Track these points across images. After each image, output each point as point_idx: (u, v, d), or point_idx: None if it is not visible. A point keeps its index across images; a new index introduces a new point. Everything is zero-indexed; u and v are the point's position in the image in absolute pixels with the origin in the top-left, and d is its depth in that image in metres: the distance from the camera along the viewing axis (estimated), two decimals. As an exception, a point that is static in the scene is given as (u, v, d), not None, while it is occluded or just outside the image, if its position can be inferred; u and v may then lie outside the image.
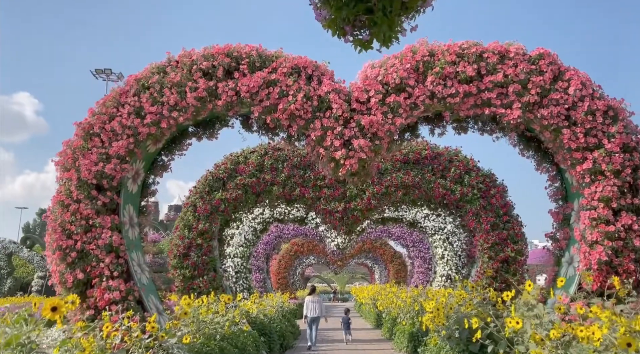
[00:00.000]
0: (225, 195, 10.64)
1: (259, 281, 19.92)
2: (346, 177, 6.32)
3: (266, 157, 10.91)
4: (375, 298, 20.34)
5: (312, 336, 12.60)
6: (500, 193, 10.60)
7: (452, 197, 10.63)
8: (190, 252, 10.39)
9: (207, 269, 10.39)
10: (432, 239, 15.36)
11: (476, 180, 10.64)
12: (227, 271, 15.21)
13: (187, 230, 10.55)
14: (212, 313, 7.89)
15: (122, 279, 5.77)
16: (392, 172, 10.82)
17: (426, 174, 10.75)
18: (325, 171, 6.50)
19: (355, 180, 6.42)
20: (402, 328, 12.81)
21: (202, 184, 10.84)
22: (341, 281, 62.39)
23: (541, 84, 5.99)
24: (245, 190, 10.74)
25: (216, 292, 10.27)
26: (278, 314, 14.21)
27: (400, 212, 15.30)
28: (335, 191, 10.79)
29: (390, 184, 10.72)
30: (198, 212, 10.61)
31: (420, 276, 19.20)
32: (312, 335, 12.60)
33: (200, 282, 10.26)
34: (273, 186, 10.73)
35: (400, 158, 10.88)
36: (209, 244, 10.51)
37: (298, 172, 10.83)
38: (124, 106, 6.10)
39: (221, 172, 10.80)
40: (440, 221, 15.24)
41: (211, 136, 7.08)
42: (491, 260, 10.19)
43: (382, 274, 32.56)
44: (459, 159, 10.89)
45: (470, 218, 10.54)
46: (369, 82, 6.22)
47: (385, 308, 17.00)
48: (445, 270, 14.89)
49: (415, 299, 12.12)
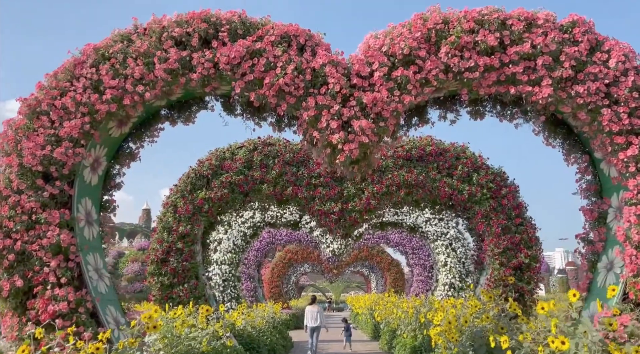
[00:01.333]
0: (209, 194, 9.62)
1: (250, 290, 18.82)
2: (344, 167, 5.33)
3: (255, 152, 9.91)
4: (372, 307, 19.27)
5: (312, 345, 12.60)
6: (512, 193, 9.64)
7: (460, 197, 9.65)
8: (170, 257, 9.34)
9: (188, 277, 9.33)
10: (434, 245, 14.36)
11: (486, 179, 9.67)
12: (211, 279, 14.12)
13: (166, 233, 9.50)
14: (189, 326, 6.84)
15: (71, 287, 4.74)
16: (394, 170, 9.84)
17: (431, 172, 9.77)
18: (320, 159, 5.50)
19: (355, 170, 5.42)
20: (403, 341, 11.77)
21: (183, 182, 9.82)
22: (336, 290, 61.19)
23: (576, 55, 5.05)
24: (231, 189, 9.71)
25: (198, 302, 9.21)
26: (268, 325, 13.14)
27: (400, 216, 14.32)
28: (331, 190, 9.79)
29: (391, 182, 9.74)
30: (179, 213, 9.57)
31: (420, 285, 18.17)
32: (312, 344, 12.60)
33: (180, 290, 9.20)
34: (263, 185, 9.72)
35: (402, 154, 9.90)
36: (191, 248, 9.46)
37: (290, 169, 9.83)
38: (79, 79, 5.10)
39: (205, 169, 9.79)
40: (442, 225, 14.26)
41: (187, 119, 6.08)
42: (503, 267, 9.20)
43: (379, 283, 31.47)
44: (466, 155, 9.93)
45: (479, 220, 9.55)
46: (372, 53, 5.25)
47: (383, 319, 15.96)
48: (449, 278, 13.88)
49: (418, 310, 11.09)
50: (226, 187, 9.66)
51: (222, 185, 9.66)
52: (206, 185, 9.78)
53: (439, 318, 7.35)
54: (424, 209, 10.51)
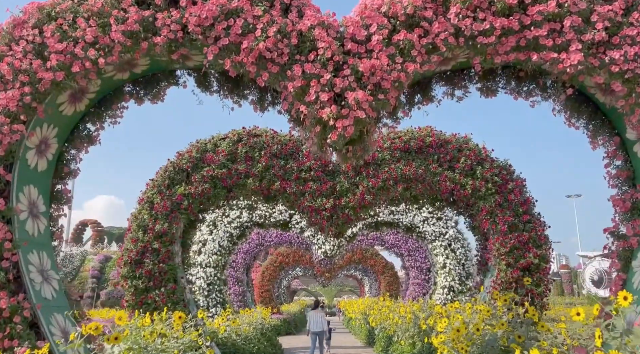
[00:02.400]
0: (189, 189, 8.76)
1: (238, 294, 17.90)
2: (337, 148, 4.52)
3: (240, 144, 9.08)
4: (366, 312, 18.44)
5: (313, 349, 12.50)
6: (519, 188, 8.88)
7: (462, 192, 8.87)
8: (145, 258, 8.46)
9: (165, 280, 8.45)
10: (431, 245, 13.57)
11: (490, 172, 8.90)
12: (192, 282, 13.20)
13: (141, 232, 8.63)
14: (160, 336, 5.97)
15: (4, 292, 3.87)
16: (391, 163, 9.04)
17: (431, 165, 8.99)
18: (309, 141, 4.69)
19: (349, 153, 4.62)
20: (400, 348, 10.95)
21: (161, 176, 8.95)
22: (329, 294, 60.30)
23: (610, 15, 4.28)
24: (213, 183, 8.87)
25: (176, 307, 8.34)
26: (256, 332, 12.26)
27: (396, 216, 13.54)
28: (323, 184, 8.97)
29: (388, 176, 8.94)
30: (155, 210, 8.70)
31: (416, 288, 17.36)
32: (313, 349, 12.50)
33: (156, 295, 8.32)
34: (248, 179, 8.88)
35: (400, 146, 9.11)
36: (168, 249, 8.59)
37: (278, 162, 9.00)
38: (19, 43, 4.25)
39: (185, 162, 8.93)
40: (441, 225, 13.48)
41: (155, 97, 5.25)
42: (510, 268, 8.43)
43: (373, 287, 30.65)
44: (469, 147, 9.16)
45: (483, 218, 8.77)
46: (370, 14, 4.46)
47: (378, 324, 15.13)
48: (447, 281, 13.09)
49: (417, 315, 10.28)
50: (208, 181, 8.81)
51: (203, 179, 8.81)
52: (186, 179, 8.92)
53: (443, 324, 6.55)
54: (423, 205, 9.71)
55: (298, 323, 27.91)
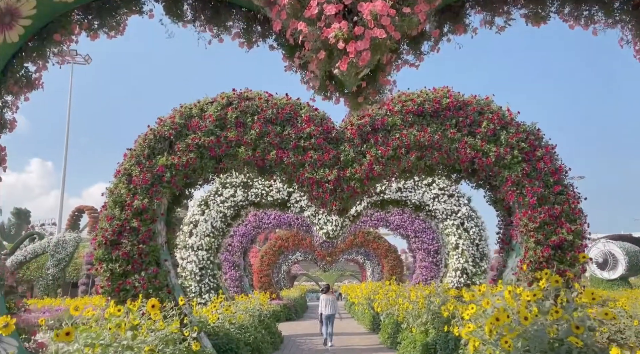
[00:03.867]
0: (172, 160, 7.66)
1: (234, 280, 16.92)
2: (347, 84, 3.40)
3: (229, 108, 7.94)
4: (370, 297, 17.49)
5: (326, 332, 13.16)
6: (549, 155, 7.78)
7: (485, 161, 7.77)
8: (122, 239, 7.39)
9: (145, 263, 7.40)
10: (442, 225, 12.52)
11: (516, 137, 7.79)
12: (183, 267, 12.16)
13: (118, 208, 7.55)
14: (130, 329, 4.92)
15: None
16: (402, 129, 7.92)
17: (448, 131, 7.87)
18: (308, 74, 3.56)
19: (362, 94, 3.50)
20: (411, 336, 9.95)
21: (140, 145, 7.83)
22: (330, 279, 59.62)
23: None
24: (200, 153, 7.76)
25: (158, 294, 7.31)
26: (253, 320, 11.27)
27: (404, 193, 12.46)
28: (325, 153, 7.86)
29: (399, 144, 7.83)
30: (134, 184, 7.61)
31: (423, 271, 16.38)
32: (326, 331, 13.16)
33: (136, 280, 7.27)
34: (239, 148, 7.78)
35: (412, 109, 7.98)
36: (149, 227, 7.52)
37: (273, 128, 7.88)
38: None
39: (167, 129, 7.81)
40: (453, 202, 12.41)
41: (112, 29, 4.11)
42: (540, 245, 7.37)
43: (375, 271, 29.75)
44: (491, 109, 8.03)
45: (508, 189, 7.69)
46: None
47: (384, 310, 14.16)
48: (460, 263, 12.06)
49: (431, 300, 9.26)
50: (193, 151, 7.70)
51: (188, 148, 7.70)
52: (168, 149, 7.81)
53: (471, 311, 5.50)
54: (438, 178, 8.60)
55: (299, 308, 27.06)
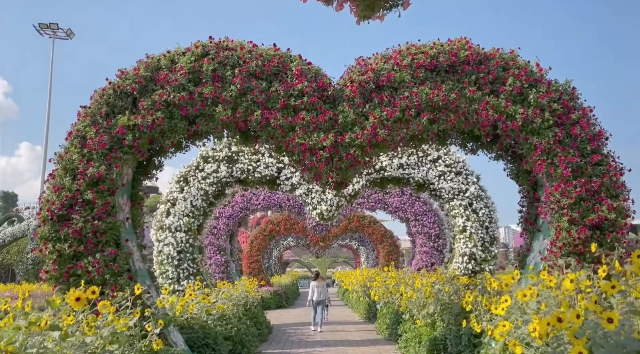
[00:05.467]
0: (135, 120, 6.34)
1: (220, 265, 15.70)
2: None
3: (205, 59, 6.61)
4: (366, 284, 16.36)
5: (316, 318, 13.47)
6: (587, 118, 6.55)
7: (510, 124, 6.52)
8: (73, 213, 6.09)
9: (102, 243, 6.12)
10: (449, 206, 11.32)
11: (548, 97, 6.54)
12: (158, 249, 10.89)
13: (68, 177, 6.23)
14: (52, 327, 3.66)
15: None
16: (412, 86, 6.63)
17: (467, 89, 6.61)
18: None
19: None
20: (415, 329, 8.79)
21: (96, 102, 6.49)
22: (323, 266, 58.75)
23: None
24: (169, 112, 6.45)
25: (117, 280, 6.05)
26: (237, 309, 10.07)
27: (406, 170, 11.22)
28: (320, 115, 6.56)
29: (408, 104, 6.55)
30: (88, 148, 6.29)
31: (423, 257, 15.25)
32: (317, 318, 13.47)
33: (89, 264, 5.99)
34: (216, 106, 6.47)
35: (424, 63, 6.68)
36: (107, 200, 6.22)
37: (258, 84, 6.57)
38: None
39: (129, 83, 6.47)
40: (460, 180, 11.19)
41: None
42: (574, 225, 6.17)
43: (370, 257, 28.68)
44: (518, 65, 6.76)
45: (537, 159, 6.46)
46: None
47: (381, 298, 13.03)
48: (468, 247, 10.89)
49: (440, 289, 8.08)
50: (161, 109, 6.38)
51: (155, 106, 6.37)
52: (131, 107, 6.48)
53: (504, 305, 4.29)
54: (452, 144, 7.35)
55: (290, 295, 25.98)
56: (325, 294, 13.84)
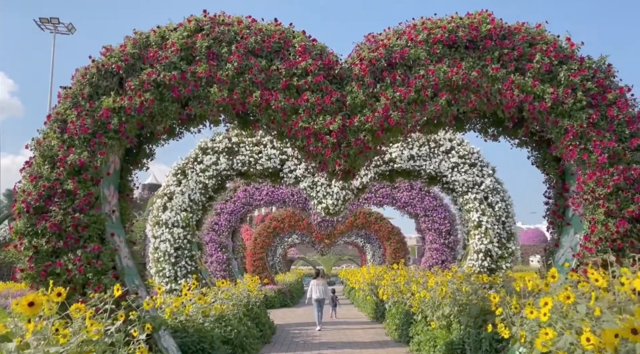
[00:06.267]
0: (121, 102, 5.71)
1: (221, 263, 15.10)
2: None
3: (199, 35, 5.97)
4: (374, 283, 15.71)
5: (318, 317, 13.43)
6: (624, 99, 5.85)
7: (537, 106, 5.84)
8: (51, 205, 5.48)
9: (83, 238, 5.51)
10: (462, 199, 10.64)
11: (580, 75, 5.85)
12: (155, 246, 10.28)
13: (47, 165, 5.62)
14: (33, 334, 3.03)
15: None
16: (429, 63, 5.97)
17: (490, 66, 5.93)
18: None
19: None
20: (428, 331, 8.15)
21: (78, 82, 5.87)
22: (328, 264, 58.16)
23: None
24: (159, 93, 5.81)
25: (101, 280, 5.43)
26: (238, 310, 9.45)
27: (417, 162, 10.55)
28: (326, 96, 5.91)
29: (424, 83, 5.89)
30: (69, 133, 5.67)
31: (434, 254, 14.58)
32: (318, 316, 13.43)
33: (69, 261, 5.38)
34: (211, 87, 5.83)
35: (442, 37, 6.01)
36: (90, 191, 5.60)
37: (257, 62, 5.92)
38: None
39: (115, 61, 5.84)
40: (475, 172, 10.51)
41: None
42: (612, 218, 5.50)
43: (376, 255, 28.01)
44: (546, 39, 6.07)
45: (569, 143, 5.78)
46: None
47: (390, 298, 12.39)
48: (484, 244, 10.21)
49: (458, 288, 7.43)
50: (150, 90, 5.75)
51: (143, 87, 5.74)
52: (117, 87, 5.85)
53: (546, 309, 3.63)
54: (472, 130, 6.69)
55: (294, 293, 25.38)
56: (325, 292, 13.84)
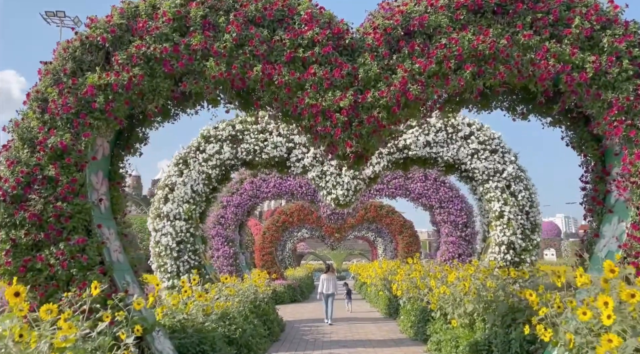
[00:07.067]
0: (108, 78, 5.11)
1: (228, 257, 14.55)
2: None
3: (193, 3, 5.33)
4: (387, 278, 15.07)
5: (327, 312, 13.49)
6: (676, 68, 5.13)
7: (576, 77, 5.14)
8: (31, 193, 4.92)
9: (67, 230, 4.94)
10: (483, 188, 9.94)
11: (626, 41, 5.13)
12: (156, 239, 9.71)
13: (26, 149, 5.06)
14: None
15: None
16: (451, 31, 5.29)
17: (521, 33, 5.24)
18: None
19: None
20: (451, 331, 7.49)
21: (60, 56, 5.28)
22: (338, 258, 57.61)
23: None
24: (150, 68, 5.20)
25: (86, 276, 4.86)
26: (244, 307, 8.88)
27: (433, 148, 9.86)
28: (336, 69, 5.26)
29: (447, 54, 5.21)
30: (50, 113, 5.10)
31: (450, 248, 13.88)
32: (327, 311, 13.50)
33: (51, 255, 4.82)
34: (207, 60, 5.20)
35: (466, 1, 5.32)
36: (74, 177, 5.03)
37: (258, 32, 5.28)
38: None
39: (100, 33, 5.24)
40: (496, 159, 9.80)
41: None
42: (663, 204, 4.81)
43: (388, 249, 27.34)
44: (585, 2, 5.35)
45: (612, 119, 5.07)
46: None
47: (405, 293, 11.76)
48: (506, 235, 9.51)
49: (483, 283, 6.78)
50: (139, 64, 5.14)
51: (132, 61, 5.14)
52: (102, 62, 5.25)
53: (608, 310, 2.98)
54: (498, 107, 5.99)
55: (304, 289, 24.85)
56: (335, 287, 13.93)
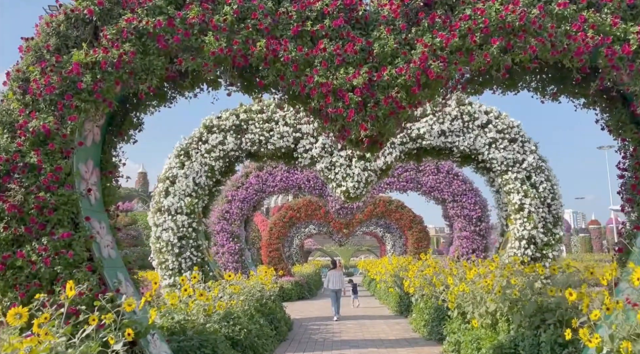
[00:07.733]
0: (95, 55, 4.62)
1: (233, 253, 14.09)
2: None
3: (190, -27, 4.82)
4: (398, 274, 14.54)
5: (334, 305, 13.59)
6: None
7: (619, 50, 4.58)
8: (11, 182, 4.45)
9: (51, 223, 4.47)
10: (501, 180, 9.38)
11: (674, 10, 4.58)
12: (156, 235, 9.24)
13: (6, 134, 4.58)
14: None
15: None
16: (476, 1, 4.74)
17: (554, 2, 4.68)
18: None
19: None
20: (471, 332, 6.97)
21: (43, 31, 4.79)
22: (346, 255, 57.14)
23: None
24: (142, 44, 4.70)
25: (73, 273, 4.39)
26: (249, 306, 8.40)
27: (448, 138, 9.31)
28: (348, 44, 4.73)
29: (471, 26, 4.66)
30: (31, 94, 4.62)
31: (463, 243, 13.33)
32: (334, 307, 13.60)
33: (32, 251, 4.35)
34: (205, 35, 4.69)
35: (493, -33, 4.76)
36: (58, 165, 4.55)
37: (262, 3, 4.77)
38: None
39: (87, 5, 4.74)
40: (516, 149, 9.22)
41: None
42: None
43: (397, 245, 26.80)
44: (627, -34, 4.79)
45: (659, 98, 4.51)
46: None
47: (418, 290, 11.24)
48: (526, 229, 8.95)
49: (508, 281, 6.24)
50: (130, 40, 4.64)
51: (122, 36, 4.64)
52: (90, 38, 4.76)
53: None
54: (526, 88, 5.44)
55: (312, 285, 24.38)
56: (341, 283, 14.13)
